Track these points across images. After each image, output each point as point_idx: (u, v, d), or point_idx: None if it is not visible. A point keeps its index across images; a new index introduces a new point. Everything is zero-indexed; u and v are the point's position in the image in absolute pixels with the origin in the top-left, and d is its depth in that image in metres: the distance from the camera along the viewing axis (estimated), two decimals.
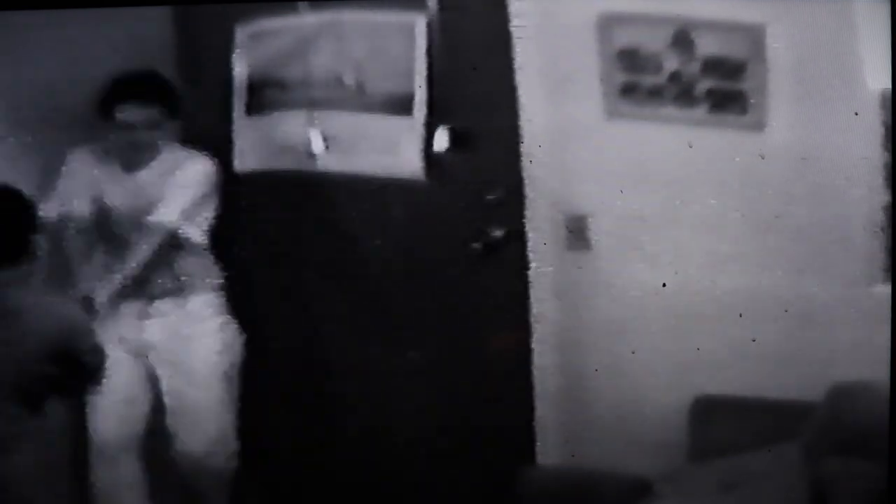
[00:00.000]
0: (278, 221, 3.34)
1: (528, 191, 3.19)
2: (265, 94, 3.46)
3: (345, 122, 3.38)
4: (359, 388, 3.39)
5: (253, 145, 3.48)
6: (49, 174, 3.34)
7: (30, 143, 3.29)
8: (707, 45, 3.07)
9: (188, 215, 3.32)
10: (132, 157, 3.34)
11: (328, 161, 3.40)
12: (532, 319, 3.22)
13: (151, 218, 3.31)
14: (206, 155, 3.37)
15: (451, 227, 3.28)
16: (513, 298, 3.23)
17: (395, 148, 3.36)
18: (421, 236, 3.30)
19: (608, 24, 3.13)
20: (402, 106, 3.33)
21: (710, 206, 3.04)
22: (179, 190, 3.32)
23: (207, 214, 3.34)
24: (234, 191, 3.39)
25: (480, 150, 3.27)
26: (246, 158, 3.48)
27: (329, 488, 3.42)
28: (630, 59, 3.14)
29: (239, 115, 3.51)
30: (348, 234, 3.35)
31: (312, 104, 3.39)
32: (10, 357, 2.74)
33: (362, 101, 3.37)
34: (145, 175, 3.35)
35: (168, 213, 3.31)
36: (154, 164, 3.35)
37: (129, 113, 3.28)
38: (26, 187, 3.06)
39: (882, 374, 2.84)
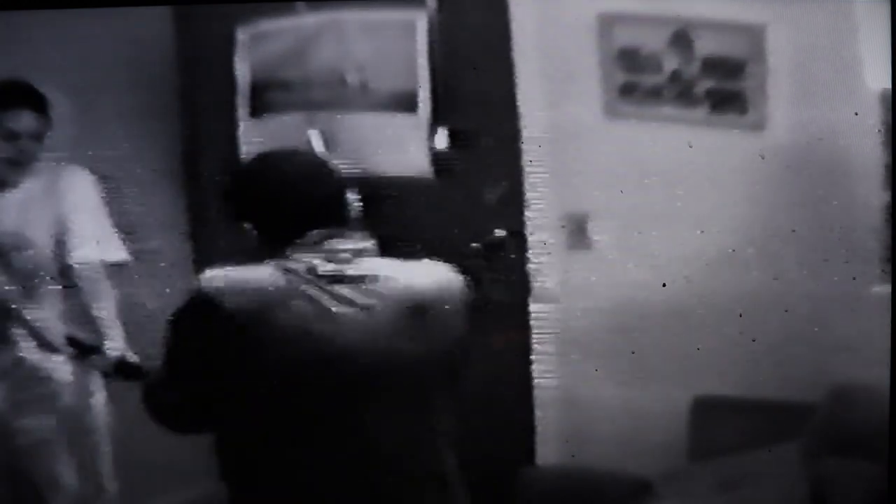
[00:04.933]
0: None
1: (528, 191, 3.19)
2: (269, 96, 3.47)
3: (349, 121, 3.39)
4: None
5: (259, 148, 3.48)
6: None
7: None
8: (707, 45, 3.07)
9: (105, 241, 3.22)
10: (6, 173, 3.18)
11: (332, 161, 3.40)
12: (532, 319, 3.22)
13: (74, 259, 3.19)
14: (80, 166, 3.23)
15: (450, 226, 3.28)
16: (513, 298, 3.23)
17: (401, 146, 3.36)
18: (420, 236, 3.30)
19: (608, 24, 3.14)
20: (406, 104, 3.33)
21: (710, 206, 3.04)
22: (83, 216, 3.19)
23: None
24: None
25: (480, 150, 3.27)
26: None
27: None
28: (630, 58, 3.14)
29: (243, 117, 3.51)
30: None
31: (316, 104, 3.40)
32: None
33: (366, 99, 3.37)
34: (22, 195, 3.19)
35: (87, 252, 3.20)
36: (31, 181, 3.19)
37: (16, 121, 3.13)
38: None
39: (882, 374, 2.84)
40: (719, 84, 3.09)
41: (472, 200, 3.27)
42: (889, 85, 2.86)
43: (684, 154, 3.06)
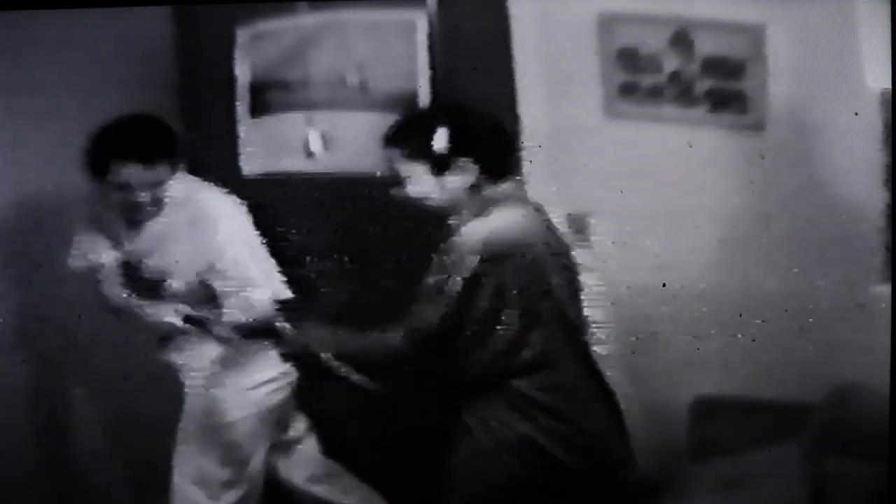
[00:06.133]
0: (287, 224, 3.33)
1: (529, 191, 3.18)
2: (269, 96, 3.46)
3: (349, 121, 3.39)
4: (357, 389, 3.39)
5: (259, 148, 3.48)
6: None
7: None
8: (707, 45, 3.07)
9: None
10: (135, 213, 3.10)
11: (332, 161, 3.41)
12: None
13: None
14: (217, 186, 3.20)
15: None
16: None
17: None
18: (422, 235, 3.30)
19: (608, 24, 3.13)
20: (406, 104, 3.33)
21: (710, 205, 3.04)
22: (235, 254, 3.07)
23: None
24: (242, 194, 3.39)
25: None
26: (253, 161, 3.48)
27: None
28: (630, 59, 3.14)
29: (243, 117, 3.51)
30: (352, 234, 3.35)
31: (316, 104, 3.39)
32: None
33: (366, 99, 3.37)
34: (156, 229, 3.12)
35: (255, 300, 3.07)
36: (163, 215, 3.11)
37: (127, 174, 2.99)
38: None
39: (882, 374, 2.84)
40: (719, 84, 3.09)
41: None
42: (889, 85, 2.87)
43: (684, 154, 3.06)
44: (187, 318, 3.02)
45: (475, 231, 2.63)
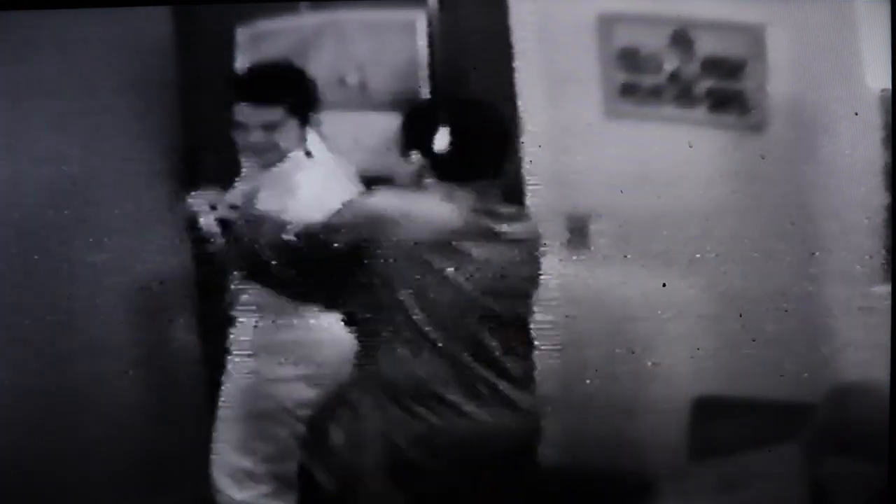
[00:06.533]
0: None
1: (529, 191, 3.19)
2: None
3: (349, 121, 3.39)
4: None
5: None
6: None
7: None
8: (707, 45, 3.07)
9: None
10: (260, 155, 3.14)
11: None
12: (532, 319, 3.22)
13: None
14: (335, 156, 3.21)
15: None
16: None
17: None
18: None
19: (608, 24, 3.14)
20: (406, 104, 3.33)
21: (710, 206, 3.04)
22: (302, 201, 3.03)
23: None
24: None
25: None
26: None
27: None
28: (630, 59, 3.14)
29: None
30: None
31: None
32: None
33: (366, 99, 3.37)
34: (272, 176, 3.13)
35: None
36: (283, 164, 3.13)
37: (243, 113, 3.07)
38: None
39: (882, 374, 2.84)
40: (719, 84, 3.09)
41: None
42: (889, 85, 2.87)
43: (684, 154, 3.06)
44: (220, 221, 3.01)
45: (371, 199, 2.79)
